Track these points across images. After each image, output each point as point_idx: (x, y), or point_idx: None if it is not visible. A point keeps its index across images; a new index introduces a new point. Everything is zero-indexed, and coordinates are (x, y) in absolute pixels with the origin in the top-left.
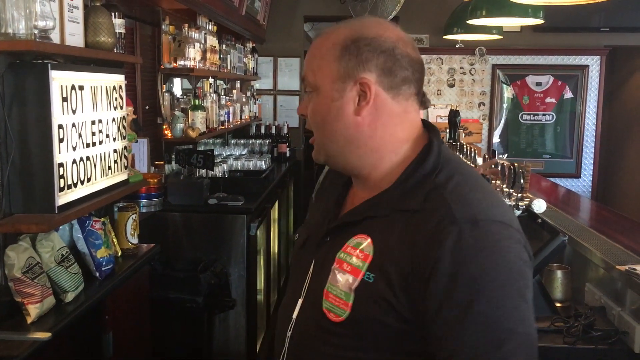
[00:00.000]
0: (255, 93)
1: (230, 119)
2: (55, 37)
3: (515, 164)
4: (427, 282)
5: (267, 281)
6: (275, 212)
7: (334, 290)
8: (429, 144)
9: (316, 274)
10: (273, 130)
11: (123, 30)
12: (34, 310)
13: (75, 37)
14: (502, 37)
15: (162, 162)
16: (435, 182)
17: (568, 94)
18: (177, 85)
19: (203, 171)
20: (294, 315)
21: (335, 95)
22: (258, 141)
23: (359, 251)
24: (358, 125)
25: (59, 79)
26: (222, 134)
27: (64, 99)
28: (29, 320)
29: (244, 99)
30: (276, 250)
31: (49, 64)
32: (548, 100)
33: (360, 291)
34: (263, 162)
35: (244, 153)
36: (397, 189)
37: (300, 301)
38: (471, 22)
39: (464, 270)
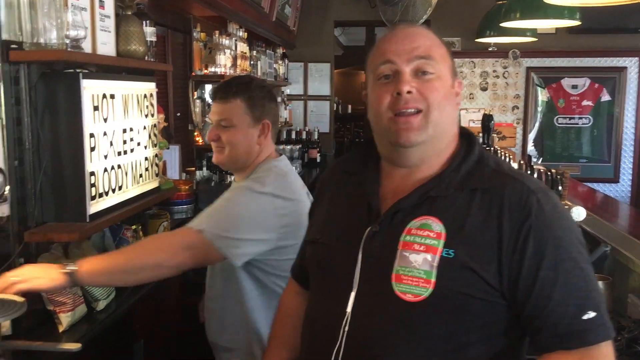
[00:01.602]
0: (285, 98)
1: None
2: (86, 47)
3: (553, 170)
4: (522, 249)
5: None
6: None
7: (409, 272)
8: (470, 137)
9: (372, 264)
10: (304, 136)
11: (154, 39)
12: (65, 319)
13: (106, 46)
14: (536, 39)
15: (194, 169)
16: (490, 166)
17: (605, 97)
18: (208, 92)
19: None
20: (349, 309)
21: (450, 84)
22: (288, 147)
23: (428, 231)
24: (456, 114)
25: (90, 88)
26: None
27: (95, 108)
28: (61, 328)
29: None
30: None
31: (81, 73)
32: (584, 103)
33: (442, 267)
34: (294, 168)
35: None
36: (452, 172)
37: (353, 294)
38: (505, 24)
39: (551, 233)
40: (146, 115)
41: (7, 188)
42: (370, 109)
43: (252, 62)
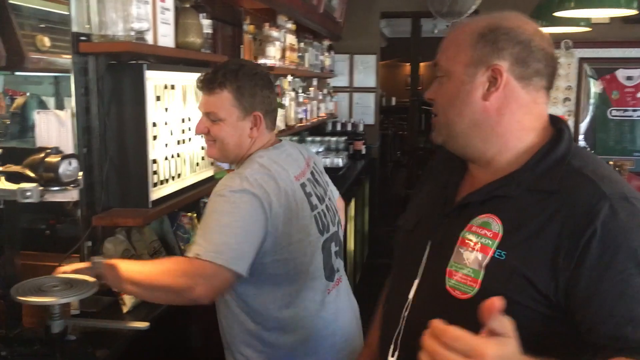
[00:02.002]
0: (331, 90)
1: (308, 116)
2: (148, 38)
3: (611, 163)
4: (582, 255)
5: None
6: (352, 210)
7: (460, 269)
8: (559, 132)
9: (435, 254)
10: (349, 128)
11: (210, 31)
12: (129, 301)
13: (166, 38)
14: (590, 29)
15: None
16: (570, 166)
17: None
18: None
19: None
20: (410, 296)
21: (466, 79)
22: (334, 138)
23: (486, 230)
24: (485, 110)
25: (153, 79)
26: (299, 132)
27: (157, 98)
28: (125, 309)
29: (320, 97)
30: (352, 247)
31: (144, 65)
32: None
33: (490, 268)
34: (340, 159)
35: (320, 150)
36: (527, 171)
37: (416, 282)
38: (558, 14)
39: (624, 242)
40: None
41: (80, 174)
42: None
43: (299, 54)
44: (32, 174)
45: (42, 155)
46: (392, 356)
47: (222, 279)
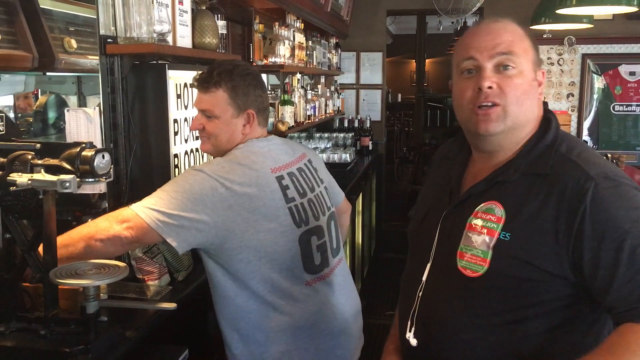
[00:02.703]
0: (338, 87)
1: (316, 113)
2: (169, 40)
3: (609, 155)
4: (579, 232)
5: (352, 271)
6: (359, 204)
7: (470, 250)
8: (546, 120)
9: (444, 240)
10: (356, 124)
11: (225, 31)
12: (153, 286)
13: (184, 39)
14: (592, 25)
15: None
16: (559, 151)
17: None
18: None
19: None
20: (424, 278)
21: (533, 77)
22: (341, 134)
23: (491, 215)
24: (536, 104)
25: (174, 78)
26: (308, 128)
27: (178, 96)
28: (149, 295)
29: (328, 94)
30: (360, 241)
31: (166, 64)
32: None
33: (497, 248)
34: (348, 155)
35: (328, 146)
36: (522, 157)
37: (428, 265)
38: (561, 11)
39: (607, 215)
40: None
41: (111, 167)
42: (454, 100)
43: (308, 52)
44: (69, 167)
45: (78, 149)
46: (410, 331)
47: (146, 236)
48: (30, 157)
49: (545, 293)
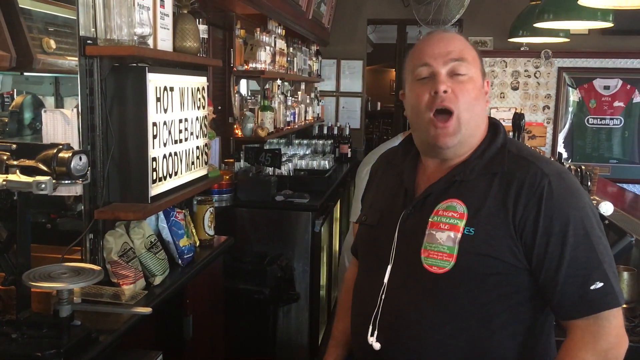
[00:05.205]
0: (318, 94)
1: (296, 120)
2: (149, 43)
3: (583, 167)
4: (533, 227)
5: (329, 278)
6: (337, 211)
7: (435, 247)
8: (496, 125)
9: (405, 240)
10: (335, 131)
11: (206, 36)
12: (128, 291)
13: (165, 42)
14: (569, 40)
15: (232, 160)
16: (510, 152)
17: (637, 98)
18: (244, 87)
19: (270, 169)
20: (385, 280)
21: (481, 84)
22: (321, 141)
23: (452, 212)
24: (484, 110)
25: (154, 81)
26: (287, 134)
27: (158, 99)
28: (124, 299)
29: (308, 100)
30: (337, 248)
31: (146, 67)
32: (616, 104)
33: (463, 243)
34: (327, 162)
35: (307, 153)
36: (476, 159)
37: (389, 267)
38: (538, 25)
39: (558, 212)
40: (198, 107)
41: (88, 169)
42: (409, 107)
43: (288, 59)
44: (45, 168)
45: (55, 150)
46: (372, 336)
47: None
48: (5, 157)
49: (511, 286)
